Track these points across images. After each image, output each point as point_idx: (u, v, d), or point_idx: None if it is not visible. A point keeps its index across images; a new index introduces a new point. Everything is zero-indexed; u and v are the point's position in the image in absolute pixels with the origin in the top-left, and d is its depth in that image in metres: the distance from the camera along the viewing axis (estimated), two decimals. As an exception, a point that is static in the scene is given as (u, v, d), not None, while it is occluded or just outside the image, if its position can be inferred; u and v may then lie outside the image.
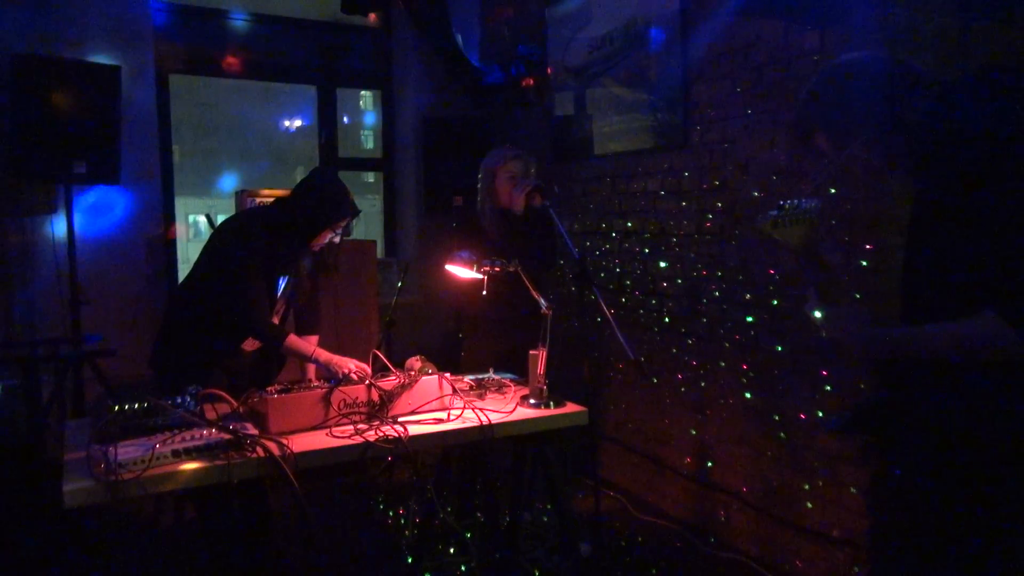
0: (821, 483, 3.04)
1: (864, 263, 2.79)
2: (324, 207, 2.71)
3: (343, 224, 2.78)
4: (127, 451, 1.96)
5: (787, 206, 1.59)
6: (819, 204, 1.62)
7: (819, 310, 1.65)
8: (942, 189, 1.49)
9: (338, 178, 2.81)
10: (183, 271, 5.15)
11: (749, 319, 3.36)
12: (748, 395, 3.38)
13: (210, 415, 2.35)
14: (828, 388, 2.96)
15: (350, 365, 2.61)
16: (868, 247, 2.78)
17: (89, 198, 4.39)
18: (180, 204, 5.14)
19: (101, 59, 4.28)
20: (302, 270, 2.84)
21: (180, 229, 4.88)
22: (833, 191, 2.92)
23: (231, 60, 5.11)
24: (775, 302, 3.22)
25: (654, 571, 3.29)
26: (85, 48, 4.30)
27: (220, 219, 3.07)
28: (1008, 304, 1.35)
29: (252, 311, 2.61)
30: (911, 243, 1.60)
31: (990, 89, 1.51)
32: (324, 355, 2.65)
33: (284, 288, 2.84)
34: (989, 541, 1.46)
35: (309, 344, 2.71)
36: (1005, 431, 1.42)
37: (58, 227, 4.24)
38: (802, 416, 3.09)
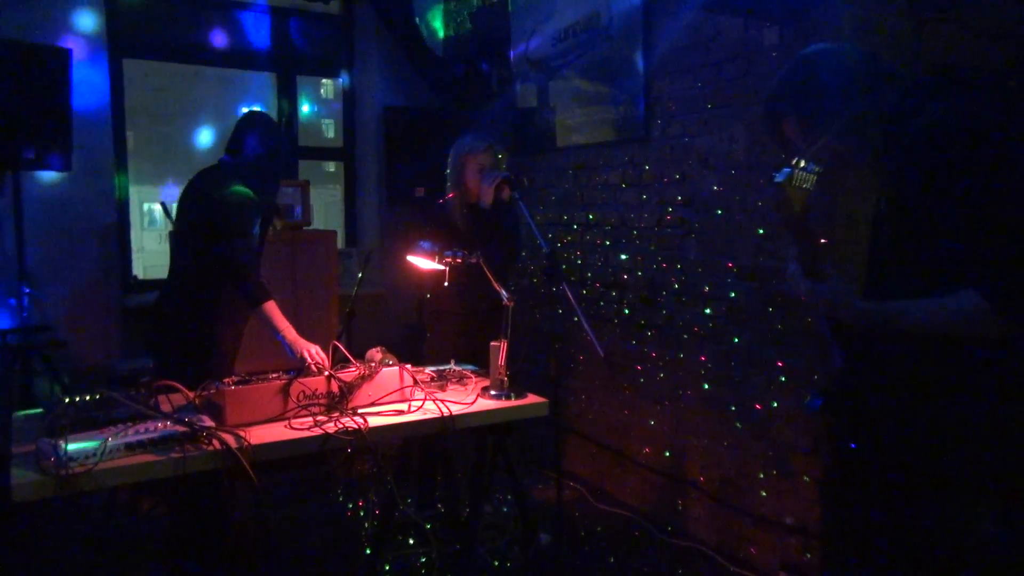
0: (775, 472, 3.10)
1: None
2: (285, 156, 2.96)
3: None
4: (78, 444, 1.92)
5: (802, 162, 1.60)
6: (819, 169, 1.63)
7: (802, 281, 1.68)
8: (913, 180, 1.52)
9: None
10: (136, 260, 5.06)
11: (707, 311, 3.41)
12: (706, 386, 3.43)
13: (165, 407, 2.31)
14: (783, 379, 3.02)
15: (311, 350, 2.62)
16: (822, 241, 2.83)
17: (38, 185, 4.26)
18: (134, 192, 5.02)
19: (51, 41, 4.15)
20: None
21: (134, 217, 4.77)
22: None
23: (188, 45, 4.99)
24: (733, 294, 3.27)
25: (612, 560, 3.33)
26: (34, 29, 4.17)
27: (175, 208, 3.05)
28: (991, 285, 1.39)
29: (251, 262, 2.75)
30: (877, 235, 1.63)
31: (947, 87, 1.54)
32: (291, 334, 2.68)
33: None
34: (935, 527, 1.50)
35: (283, 318, 2.73)
36: (964, 421, 1.46)
37: (5, 214, 4.11)
38: (758, 407, 3.15)
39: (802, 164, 1.60)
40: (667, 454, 3.70)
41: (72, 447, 1.89)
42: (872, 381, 1.62)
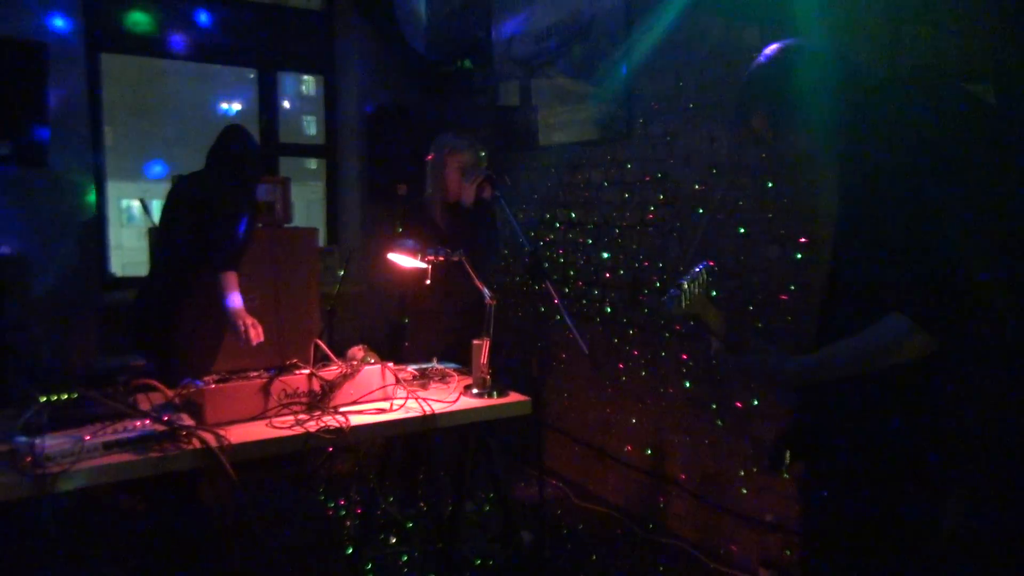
0: (755, 470, 3.12)
1: (799, 256, 2.87)
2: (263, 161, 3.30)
3: None
4: (55, 443, 1.89)
5: (685, 283, 1.62)
6: (705, 265, 1.66)
7: (729, 361, 1.68)
8: (858, 187, 1.52)
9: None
10: (114, 257, 5.00)
11: (689, 310, 3.42)
12: (688, 384, 3.45)
13: (144, 406, 2.28)
14: (764, 377, 3.04)
15: (247, 321, 2.92)
16: (802, 240, 2.86)
17: (14, 181, 4.19)
18: (112, 188, 4.95)
19: (27, 35, 4.09)
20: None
21: (112, 214, 4.71)
22: (770, 184, 2.99)
23: (167, 40, 4.94)
24: (714, 293, 3.28)
25: (594, 558, 3.34)
26: (9, 23, 4.11)
27: (155, 204, 3.08)
28: (915, 305, 1.38)
29: (233, 240, 3.04)
30: (836, 241, 1.64)
31: (917, 90, 1.55)
32: (237, 304, 2.96)
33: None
34: (904, 529, 1.52)
35: (236, 289, 3.00)
36: (916, 432, 1.47)
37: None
38: (738, 405, 3.17)
39: (686, 284, 1.62)
40: (649, 452, 3.71)
41: (49, 446, 1.87)
42: (829, 411, 1.62)
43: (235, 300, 2.96)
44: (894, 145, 1.45)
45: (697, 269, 1.66)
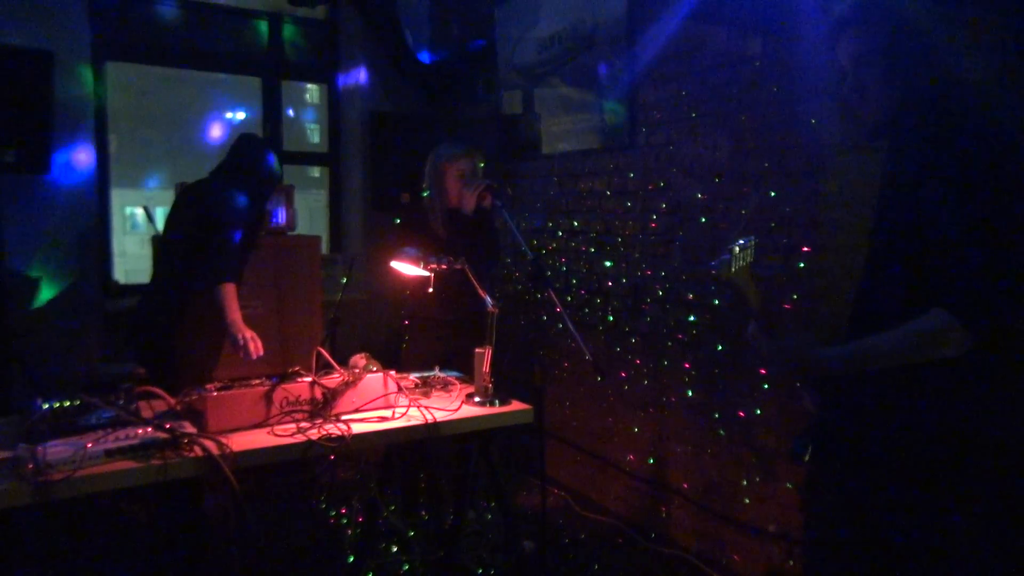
0: (758, 479, 3.11)
1: (802, 265, 2.87)
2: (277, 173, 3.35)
3: None
4: (57, 450, 1.90)
5: (736, 248, 1.61)
6: (754, 238, 1.66)
7: (764, 343, 1.68)
8: (915, 172, 1.50)
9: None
10: (118, 264, 5.01)
11: (691, 318, 3.42)
12: (690, 393, 3.44)
13: (146, 413, 2.29)
14: (766, 387, 3.04)
15: (246, 334, 2.80)
16: (805, 249, 2.86)
17: (18, 189, 4.21)
18: (116, 196, 4.97)
19: (33, 43, 4.11)
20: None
21: (116, 222, 4.72)
22: (773, 194, 2.99)
23: (173, 48, 4.96)
24: (716, 302, 3.28)
25: (596, 568, 3.33)
26: (15, 31, 4.13)
27: (159, 212, 3.10)
28: (957, 301, 1.38)
29: (233, 248, 3.02)
30: (876, 225, 1.60)
31: (996, 90, 1.54)
32: (234, 316, 2.86)
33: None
34: (913, 538, 1.50)
35: (235, 302, 2.92)
36: (936, 434, 1.47)
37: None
38: (741, 414, 3.16)
39: (737, 249, 1.61)
40: (651, 461, 3.70)
41: (51, 453, 1.87)
42: (850, 413, 1.61)
43: (234, 313, 2.93)
44: (972, 136, 1.43)
45: (748, 239, 1.65)
